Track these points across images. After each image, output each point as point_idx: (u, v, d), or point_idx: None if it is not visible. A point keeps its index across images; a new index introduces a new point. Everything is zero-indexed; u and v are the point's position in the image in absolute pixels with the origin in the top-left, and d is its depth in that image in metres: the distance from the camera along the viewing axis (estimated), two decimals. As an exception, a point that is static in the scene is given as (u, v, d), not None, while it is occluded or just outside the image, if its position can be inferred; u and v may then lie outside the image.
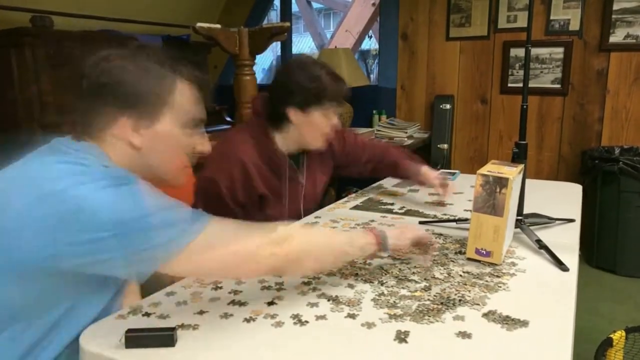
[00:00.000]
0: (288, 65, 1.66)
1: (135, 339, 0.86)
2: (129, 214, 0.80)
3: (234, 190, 1.51)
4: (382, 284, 1.10)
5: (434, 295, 1.04)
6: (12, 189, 0.84)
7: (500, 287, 1.08)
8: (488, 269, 1.17)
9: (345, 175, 1.95)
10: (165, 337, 0.87)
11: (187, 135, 0.98)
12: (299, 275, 1.13)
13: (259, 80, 3.10)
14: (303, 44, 7.66)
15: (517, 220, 1.38)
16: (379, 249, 1.12)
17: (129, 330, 0.87)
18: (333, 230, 1.45)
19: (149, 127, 0.93)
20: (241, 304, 1.02)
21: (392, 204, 1.76)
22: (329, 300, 1.03)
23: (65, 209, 0.79)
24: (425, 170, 1.76)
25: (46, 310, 0.88)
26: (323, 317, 0.97)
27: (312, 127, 1.55)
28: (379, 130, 3.59)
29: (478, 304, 1.00)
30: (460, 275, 1.14)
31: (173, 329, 0.88)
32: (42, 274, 0.84)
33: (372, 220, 1.56)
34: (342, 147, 1.79)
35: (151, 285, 1.08)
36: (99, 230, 0.79)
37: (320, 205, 1.77)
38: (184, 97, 0.96)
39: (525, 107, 1.41)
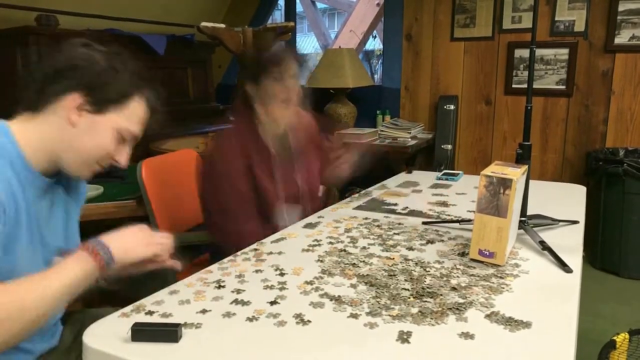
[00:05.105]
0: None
1: (141, 332, 0.88)
2: None
3: (230, 166, 1.58)
4: (384, 284, 1.10)
5: (437, 296, 1.04)
6: None
7: (504, 288, 1.08)
8: (491, 270, 1.17)
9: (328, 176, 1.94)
10: (169, 333, 0.88)
11: (115, 141, 1.02)
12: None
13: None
14: (307, 44, 7.66)
15: (520, 221, 1.38)
16: (103, 269, 0.94)
17: (135, 324, 0.88)
18: (36, 277, 0.90)
19: (91, 113, 0.99)
20: (244, 303, 1.02)
21: (395, 204, 1.75)
22: (331, 300, 1.03)
23: None
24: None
25: None
26: (325, 317, 0.97)
27: (269, 97, 1.58)
28: (382, 131, 3.59)
29: (481, 305, 1.00)
30: (464, 276, 1.14)
31: (178, 325, 0.89)
32: None
33: (376, 220, 1.56)
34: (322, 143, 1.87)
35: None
36: None
37: (324, 205, 1.78)
38: (134, 110, 1.03)
39: (529, 108, 1.42)
